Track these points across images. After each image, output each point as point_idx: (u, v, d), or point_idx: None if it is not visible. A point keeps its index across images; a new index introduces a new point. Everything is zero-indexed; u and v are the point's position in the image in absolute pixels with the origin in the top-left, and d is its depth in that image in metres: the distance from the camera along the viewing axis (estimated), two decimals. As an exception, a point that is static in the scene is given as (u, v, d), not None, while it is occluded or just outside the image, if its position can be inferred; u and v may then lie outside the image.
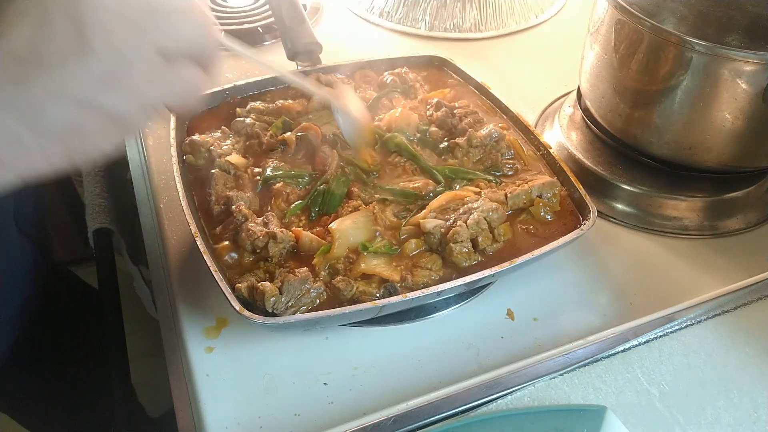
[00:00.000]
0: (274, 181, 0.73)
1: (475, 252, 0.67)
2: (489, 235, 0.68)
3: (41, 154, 0.43)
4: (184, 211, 0.66)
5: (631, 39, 0.74)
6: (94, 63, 0.42)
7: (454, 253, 0.65)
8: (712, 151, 0.75)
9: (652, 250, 0.77)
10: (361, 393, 0.61)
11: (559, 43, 1.13)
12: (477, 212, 0.68)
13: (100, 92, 0.42)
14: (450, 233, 0.66)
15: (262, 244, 0.64)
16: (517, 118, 0.82)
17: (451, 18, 1.15)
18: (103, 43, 0.42)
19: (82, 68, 0.42)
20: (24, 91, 0.41)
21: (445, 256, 0.66)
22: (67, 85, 0.41)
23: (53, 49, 0.41)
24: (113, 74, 0.42)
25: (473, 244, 0.67)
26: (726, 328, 0.66)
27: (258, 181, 0.74)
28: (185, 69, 0.47)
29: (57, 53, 0.41)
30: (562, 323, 0.68)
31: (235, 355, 0.64)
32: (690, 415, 0.58)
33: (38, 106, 0.41)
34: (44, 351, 1.01)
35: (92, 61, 0.42)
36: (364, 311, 0.61)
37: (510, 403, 0.58)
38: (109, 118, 0.44)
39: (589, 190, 0.72)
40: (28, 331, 0.94)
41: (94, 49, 0.41)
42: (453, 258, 0.66)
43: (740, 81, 0.68)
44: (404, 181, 0.75)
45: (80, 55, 0.41)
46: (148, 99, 0.45)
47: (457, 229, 0.66)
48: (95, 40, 0.41)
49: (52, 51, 0.41)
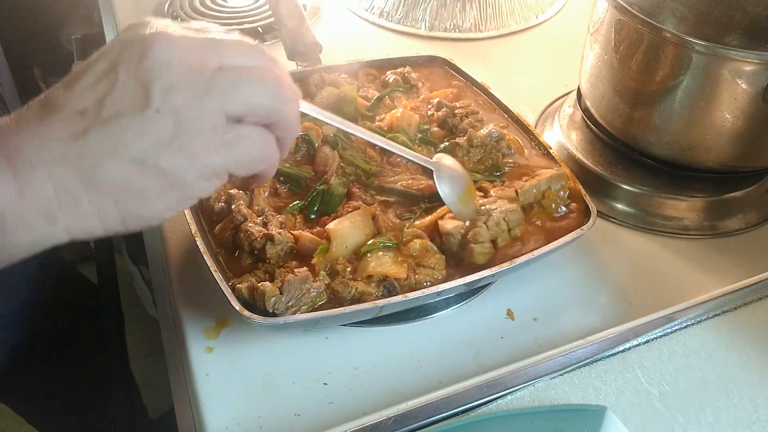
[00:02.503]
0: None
1: (495, 252, 0.67)
2: (507, 236, 0.68)
3: (94, 212, 0.41)
4: (184, 211, 0.66)
5: (631, 39, 0.74)
6: (155, 123, 0.40)
7: (475, 253, 0.65)
8: (712, 151, 0.75)
9: (652, 250, 0.77)
10: (361, 393, 0.61)
11: (559, 43, 1.13)
12: (496, 213, 0.68)
13: (159, 154, 0.41)
14: (471, 234, 0.66)
15: (260, 246, 0.64)
16: (517, 118, 0.82)
17: (451, 18, 1.15)
18: (167, 104, 0.40)
19: (144, 128, 0.40)
20: (83, 145, 0.40)
21: (465, 256, 0.66)
22: (126, 143, 0.40)
23: (116, 105, 0.40)
24: (175, 136, 0.41)
25: (493, 244, 0.67)
26: (726, 328, 0.65)
27: None
28: (253, 134, 0.45)
29: (120, 110, 0.40)
30: (562, 323, 0.68)
31: (235, 355, 0.64)
32: (690, 415, 0.58)
33: (95, 162, 0.40)
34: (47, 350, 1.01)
35: (154, 122, 0.40)
36: (364, 311, 0.61)
37: (510, 403, 0.58)
38: (167, 181, 0.42)
39: (589, 190, 0.72)
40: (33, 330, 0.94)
41: (157, 109, 0.40)
42: (474, 258, 0.66)
43: (740, 81, 0.68)
44: (407, 180, 0.75)
45: (143, 115, 0.40)
46: (209, 164, 0.43)
47: (478, 230, 0.66)
48: (159, 100, 0.40)
49: (115, 107, 0.40)
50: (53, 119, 0.40)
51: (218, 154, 0.43)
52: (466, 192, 0.70)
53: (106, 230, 0.43)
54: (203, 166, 0.43)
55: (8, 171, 0.38)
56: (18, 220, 0.39)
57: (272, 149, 0.47)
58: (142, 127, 0.40)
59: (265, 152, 0.46)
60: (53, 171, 0.39)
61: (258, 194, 0.71)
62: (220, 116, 0.42)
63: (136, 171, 0.41)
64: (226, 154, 0.43)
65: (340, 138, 0.78)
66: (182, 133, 0.41)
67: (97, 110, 0.40)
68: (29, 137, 0.39)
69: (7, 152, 0.39)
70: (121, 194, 0.41)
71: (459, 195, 0.69)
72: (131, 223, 0.43)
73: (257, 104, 0.44)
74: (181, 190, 0.43)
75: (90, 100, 0.40)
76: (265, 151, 0.46)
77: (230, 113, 0.43)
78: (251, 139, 0.45)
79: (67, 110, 0.40)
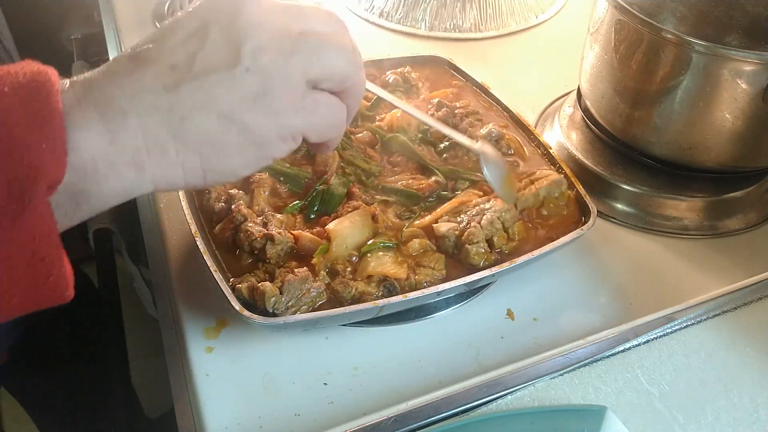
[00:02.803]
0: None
1: (491, 252, 0.67)
2: (504, 235, 0.68)
3: (179, 163, 0.43)
4: (184, 211, 0.66)
5: (631, 39, 0.74)
6: (244, 80, 0.42)
7: (471, 254, 0.65)
8: (712, 151, 0.75)
9: (652, 250, 0.77)
10: (361, 393, 0.61)
11: (559, 43, 1.13)
12: (490, 212, 0.68)
13: (245, 109, 0.43)
14: (465, 235, 0.66)
15: (260, 246, 0.64)
16: (517, 118, 0.82)
17: (451, 18, 1.15)
18: (256, 63, 0.42)
19: (232, 84, 0.42)
20: (173, 98, 0.41)
21: (461, 258, 0.66)
22: (215, 96, 0.42)
23: (207, 61, 0.42)
24: (261, 94, 0.43)
25: (489, 245, 0.67)
26: (726, 328, 0.65)
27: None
28: (328, 100, 0.47)
29: (211, 66, 0.42)
30: (562, 323, 0.68)
31: (235, 355, 0.64)
32: (690, 415, 0.58)
33: (184, 114, 0.42)
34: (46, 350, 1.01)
35: (243, 79, 0.42)
36: (364, 311, 0.61)
37: (510, 403, 0.58)
38: (249, 138, 0.44)
39: (589, 190, 0.72)
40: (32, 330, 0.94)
41: (247, 68, 0.42)
42: (470, 260, 0.66)
43: (740, 81, 0.68)
44: (407, 180, 0.75)
45: (232, 71, 0.42)
46: (289, 125, 0.45)
47: (472, 231, 0.66)
48: (249, 59, 0.42)
49: (207, 63, 0.42)
50: (144, 72, 0.41)
51: (297, 116, 0.45)
52: (507, 177, 0.72)
53: (187, 182, 0.44)
54: (283, 126, 0.45)
55: (99, 121, 0.40)
56: (108, 167, 0.40)
57: (343, 117, 0.49)
58: (231, 84, 0.42)
59: (338, 119, 0.49)
60: (144, 121, 0.41)
61: (258, 194, 0.71)
62: (301, 79, 0.44)
63: (223, 125, 0.43)
64: (304, 117, 0.46)
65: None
66: (267, 92, 0.43)
67: (189, 65, 0.42)
68: (120, 89, 0.41)
69: (97, 103, 0.40)
70: (206, 147, 0.43)
71: (501, 179, 0.71)
72: (210, 178, 0.45)
73: (336, 69, 0.46)
74: (260, 148, 0.45)
75: (181, 55, 0.42)
76: (338, 118, 0.49)
77: (310, 77, 0.45)
78: (326, 105, 0.47)
79: (158, 64, 0.42)
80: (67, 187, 0.39)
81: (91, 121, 0.40)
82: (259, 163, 0.46)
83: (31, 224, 0.37)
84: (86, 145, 0.39)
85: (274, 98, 0.43)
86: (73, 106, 0.39)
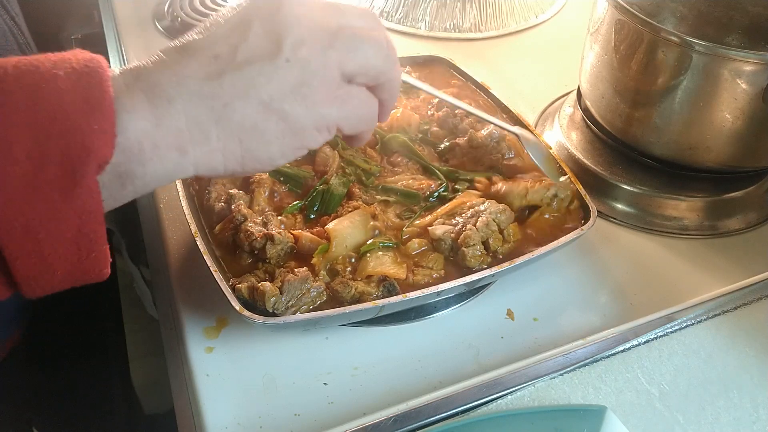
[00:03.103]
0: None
1: (487, 254, 0.67)
2: (499, 237, 0.67)
3: (220, 149, 0.45)
4: (184, 211, 0.66)
5: (631, 39, 0.74)
6: (284, 71, 0.45)
7: (467, 257, 0.65)
8: (712, 151, 0.75)
9: (652, 250, 0.77)
10: (361, 393, 0.61)
11: (559, 43, 1.13)
12: (485, 214, 0.68)
13: (285, 98, 0.45)
14: (461, 238, 0.66)
15: (260, 246, 0.64)
16: (517, 118, 0.82)
17: (451, 18, 1.15)
18: (296, 55, 0.45)
19: (273, 74, 0.45)
20: (217, 86, 0.44)
21: (458, 260, 0.66)
22: (256, 85, 0.44)
23: (250, 52, 0.44)
24: (299, 84, 0.45)
25: (485, 247, 0.67)
26: (726, 328, 0.66)
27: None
28: (362, 94, 0.49)
29: (253, 56, 0.44)
30: (562, 323, 0.68)
31: (235, 355, 0.64)
32: (690, 415, 0.58)
33: (227, 101, 0.44)
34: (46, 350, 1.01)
35: (283, 69, 0.45)
36: (364, 311, 0.61)
37: (510, 403, 0.58)
38: (287, 126, 0.46)
39: (589, 190, 0.72)
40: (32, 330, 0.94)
41: (287, 59, 0.45)
42: (467, 262, 0.65)
43: (740, 81, 0.68)
44: (407, 180, 0.75)
45: (274, 62, 0.44)
46: (325, 115, 0.47)
47: (468, 233, 0.66)
48: (289, 51, 0.45)
49: (249, 54, 0.44)
50: (190, 61, 0.44)
51: (333, 107, 0.47)
52: (549, 157, 0.75)
53: (226, 168, 0.46)
54: (320, 117, 0.47)
55: (146, 105, 0.42)
56: (153, 149, 0.42)
57: (375, 111, 0.52)
58: (272, 74, 0.45)
59: (370, 112, 0.51)
60: (188, 107, 0.43)
61: (258, 194, 0.71)
62: (337, 72, 0.47)
63: (263, 113, 0.45)
64: (340, 109, 0.48)
65: (340, 138, 0.78)
66: (305, 83, 0.45)
67: (232, 55, 0.44)
68: (167, 76, 0.43)
69: (145, 89, 0.42)
70: (246, 134, 0.45)
71: (544, 159, 0.74)
72: (249, 164, 0.47)
73: (371, 64, 0.48)
74: (297, 136, 0.47)
75: (224, 46, 0.44)
76: (370, 111, 0.51)
77: (345, 70, 0.47)
78: (360, 98, 0.49)
79: (203, 54, 0.44)
80: (115, 167, 0.41)
81: (139, 106, 0.42)
82: (294, 153, 0.48)
83: (81, 201, 0.39)
84: (134, 127, 0.41)
85: (312, 89, 0.46)
86: (122, 91, 0.42)
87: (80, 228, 0.40)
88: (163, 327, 0.71)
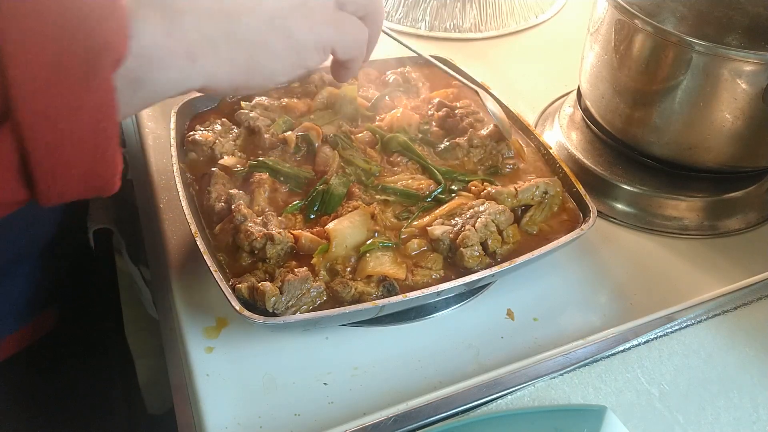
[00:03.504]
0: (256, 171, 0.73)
1: (486, 255, 0.67)
2: (498, 238, 0.67)
3: (228, 61, 0.49)
4: (184, 211, 0.66)
5: (631, 39, 0.74)
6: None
7: (465, 257, 0.65)
8: (712, 151, 0.75)
9: (652, 250, 0.77)
10: (361, 393, 0.61)
11: (559, 43, 1.13)
12: (484, 215, 0.68)
13: (290, 16, 0.51)
14: (459, 238, 0.66)
15: (260, 245, 0.64)
16: (517, 118, 0.82)
17: (451, 18, 1.15)
18: None
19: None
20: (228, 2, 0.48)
21: (456, 261, 0.66)
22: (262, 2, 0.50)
23: None
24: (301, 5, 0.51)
25: (483, 248, 0.67)
26: (726, 328, 0.66)
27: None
28: (353, 19, 0.56)
29: None
30: (562, 323, 0.68)
31: (235, 355, 0.64)
32: (690, 415, 0.58)
33: (236, 15, 0.48)
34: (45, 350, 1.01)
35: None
36: (364, 311, 0.61)
37: (510, 403, 0.58)
38: (291, 45, 0.51)
39: (589, 190, 0.72)
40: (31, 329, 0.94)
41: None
42: (465, 263, 0.65)
43: (740, 81, 0.68)
44: (407, 180, 0.75)
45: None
46: (323, 35, 0.53)
47: (466, 234, 0.66)
48: None
49: None
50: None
51: (330, 28, 0.54)
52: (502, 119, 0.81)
53: (231, 82, 0.50)
54: (319, 36, 0.53)
55: (160, 17, 0.45)
56: (164, 57, 0.45)
57: (366, 37, 0.58)
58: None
59: (362, 38, 0.57)
60: (200, 20, 0.47)
61: (258, 194, 0.71)
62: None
63: (269, 30, 0.50)
64: (336, 30, 0.54)
65: (340, 138, 0.78)
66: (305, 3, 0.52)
67: None
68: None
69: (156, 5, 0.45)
70: (254, 47, 0.50)
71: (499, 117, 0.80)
72: (253, 79, 0.51)
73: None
74: (299, 54, 0.52)
75: None
76: (362, 36, 0.57)
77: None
78: (352, 22, 0.56)
79: None
80: (127, 72, 0.43)
81: (151, 17, 0.45)
82: (295, 71, 0.53)
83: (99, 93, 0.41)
84: (146, 33, 0.44)
85: (312, 10, 0.52)
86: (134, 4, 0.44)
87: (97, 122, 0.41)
88: (163, 327, 0.71)
